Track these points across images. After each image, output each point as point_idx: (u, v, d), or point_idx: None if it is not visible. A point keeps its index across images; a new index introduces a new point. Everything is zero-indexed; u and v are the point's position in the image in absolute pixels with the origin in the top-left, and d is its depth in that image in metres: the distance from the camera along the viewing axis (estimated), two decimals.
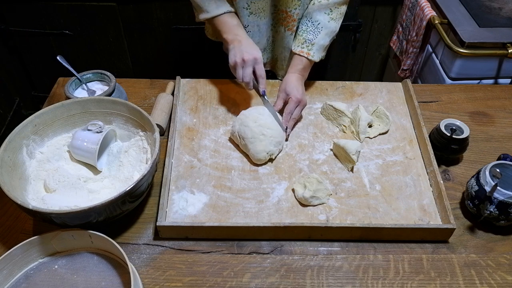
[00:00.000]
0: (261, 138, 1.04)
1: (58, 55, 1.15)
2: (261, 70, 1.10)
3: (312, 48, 1.15)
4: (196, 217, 0.96)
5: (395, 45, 1.96)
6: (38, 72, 2.13)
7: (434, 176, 1.02)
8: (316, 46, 1.15)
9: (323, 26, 1.14)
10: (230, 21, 1.12)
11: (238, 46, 1.09)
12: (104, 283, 0.85)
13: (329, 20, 1.14)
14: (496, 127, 1.21)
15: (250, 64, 1.08)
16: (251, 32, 1.20)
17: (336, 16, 1.15)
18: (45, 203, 0.90)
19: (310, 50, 1.15)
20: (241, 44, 1.09)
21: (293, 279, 0.88)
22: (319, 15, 1.14)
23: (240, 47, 1.08)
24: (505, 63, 1.54)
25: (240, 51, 1.08)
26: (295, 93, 1.12)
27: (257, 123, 1.06)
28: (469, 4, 1.64)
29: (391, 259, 0.91)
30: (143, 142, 1.02)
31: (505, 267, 0.91)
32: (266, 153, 1.05)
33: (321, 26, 1.14)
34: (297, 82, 1.15)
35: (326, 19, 1.14)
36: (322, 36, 1.15)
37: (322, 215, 0.96)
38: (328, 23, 1.14)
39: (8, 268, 0.83)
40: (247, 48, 1.08)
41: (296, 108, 1.12)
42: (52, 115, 1.01)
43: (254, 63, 1.08)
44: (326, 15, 1.14)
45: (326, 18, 1.14)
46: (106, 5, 1.87)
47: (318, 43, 1.15)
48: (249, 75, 1.09)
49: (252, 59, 1.07)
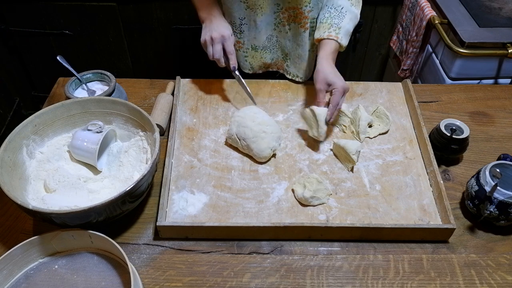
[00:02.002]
0: (263, 136, 1.04)
1: (58, 55, 1.15)
2: (229, 47, 1.14)
3: (340, 32, 1.12)
4: (196, 217, 0.96)
5: (395, 45, 1.96)
6: (38, 72, 2.13)
7: (434, 176, 1.02)
8: (343, 30, 1.13)
9: (347, 10, 1.13)
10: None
11: (209, 25, 1.14)
12: (104, 283, 0.85)
13: (351, 5, 1.14)
14: (496, 127, 1.21)
15: (218, 41, 1.12)
16: (248, 26, 1.21)
17: (355, 2, 1.15)
18: (45, 203, 0.90)
19: (338, 33, 1.12)
20: (211, 23, 1.14)
21: (293, 279, 0.88)
22: (341, 0, 1.14)
23: (210, 26, 1.14)
24: (505, 63, 1.54)
25: (210, 29, 1.13)
26: (340, 83, 1.07)
27: (255, 122, 1.06)
28: (469, 4, 1.64)
29: (391, 259, 0.91)
30: (143, 142, 1.02)
31: (505, 267, 0.91)
32: (270, 150, 1.05)
33: (345, 11, 1.13)
34: (334, 69, 1.11)
35: (348, 4, 1.14)
36: (347, 21, 1.13)
37: (322, 215, 0.96)
38: (351, 7, 1.14)
39: (8, 268, 0.83)
40: (216, 26, 1.13)
41: (342, 98, 1.08)
42: (52, 115, 1.01)
43: (222, 40, 1.13)
44: (348, 1, 1.14)
45: (347, 2, 1.14)
46: (106, 5, 1.87)
47: (344, 27, 1.13)
48: (218, 52, 1.13)
49: (219, 36, 1.12)
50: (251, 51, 1.27)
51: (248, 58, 1.29)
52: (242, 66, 1.31)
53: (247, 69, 1.32)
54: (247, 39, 1.24)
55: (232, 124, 1.09)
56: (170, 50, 2.05)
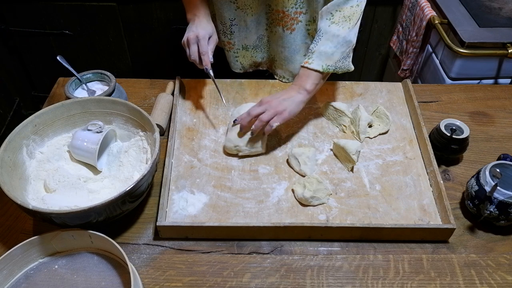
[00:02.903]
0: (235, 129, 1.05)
1: (58, 55, 1.15)
2: (202, 46, 1.10)
3: (312, 56, 1.06)
4: (196, 217, 0.96)
5: (395, 45, 1.96)
6: (38, 72, 2.13)
7: (434, 176, 1.02)
8: (316, 53, 1.05)
9: (323, 32, 1.06)
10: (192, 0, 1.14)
11: (190, 26, 1.13)
12: (104, 283, 0.85)
13: (330, 24, 1.06)
14: (496, 127, 1.21)
15: (193, 42, 1.10)
16: (238, 26, 1.20)
17: (339, 19, 1.06)
18: (45, 203, 0.90)
19: (309, 58, 1.07)
20: (193, 24, 1.12)
21: (293, 279, 0.88)
22: (321, 23, 1.08)
23: (190, 27, 1.12)
24: (505, 63, 1.54)
25: (188, 30, 1.12)
26: (267, 98, 1.05)
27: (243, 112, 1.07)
28: (469, 4, 1.64)
29: (391, 259, 0.91)
30: (143, 142, 1.02)
31: (505, 267, 0.91)
32: (233, 146, 1.06)
33: (321, 33, 1.07)
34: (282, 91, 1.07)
35: (326, 24, 1.07)
36: (322, 42, 1.06)
37: (322, 215, 0.96)
38: (329, 27, 1.06)
39: (8, 268, 0.83)
40: (195, 27, 1.11)
41: (260, 107, 1.03)
42: (52, 115, 1.01)
43: (196, 41, 1.10)
44: (327, 21, 1.07)
45: (327, 23, 1.07)
46: (106, 5, 1.87)
47: (318, 50, 1.06)
48: (194, 53, 1.10)
49: (194, 37, 1.10)
50: (242, 51, 1.27)
51: (239, 58, 1.29)
52: (233, 66, 1.31)
53: (238, 69, 1.32)
54: (237, 40, 1.24)
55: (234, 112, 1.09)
56: (170, 50, 2.05)
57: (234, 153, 1.07)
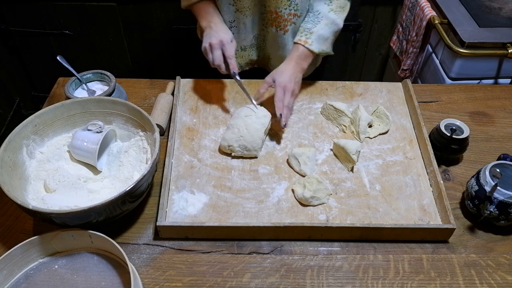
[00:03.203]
0: (235, 131, 1.06)
1: (58, 55, 1.15)
2: (228, 51, 1.11)
3: (311, 37, 1.13)
4: (196, 217, 0.96)
5: (395, 45, 1.96)
6: (38, 72, 2.13)
7: (434, 176, 1.02)
8: (315, 35, 1.13)
9: (323, 16, 1.13)
10: (205, 8, 1.16)
11: (208, 32, 1.13)
12: (104, 283, 0.85)
13: (329, 10, 1.13)
14: (496, 127, 1.21)
15: (217, 47, 1.11)
16: (237, 28, 1.21)
17: (336, 8, 1.14)
18: (45, 203, 0.90)
19: (308, 38, 1.13)
20: (211, 30, 1.13)
21: (293, 279, 0.88)
22: (319, 5, 1.14)
23: (210, 33, 1.13)
24: (505, 63, 1.54)
25: (209, 36, 1.12)
26: (279, 79, 1.10)
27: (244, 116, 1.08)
28: (469, 4, 1.64)
29: (391, 259, 0.91)
30: (143, 142, 1.02)
31: (505, 267, 0.91)
32: (227, 145, 1.06)
33: (321, 16, 1.13)
34: (287, 68, 1.13)
35: (326, 9, 1.13)
36: (321, 26, 1.13)
37: (322, 215, 0.96)
38: (328, 13, 1.13)
39: (8, 268, 0.83)
40: (215, 32, 1.12)
41: (285, 95, 1.10)
42: (52, 115, 1.01)
43: (221, 46, 1.11)
44: (326, 6, 1.14)
45: (326, 8, 1.13)
46: (106, 5, 1.87)
47: (317, 32, 1.13)
48: (218, 58, 1.11)
49: (218, 42, 1.10)
50: (240, 51, 1.29)
51: (238, 58, 1.30)
52: None
53: None
54: (236, 41, 1.24)
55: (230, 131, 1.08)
56: (170, 50, 2.05)
57: (228, 152, 1.07)
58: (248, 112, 1.09)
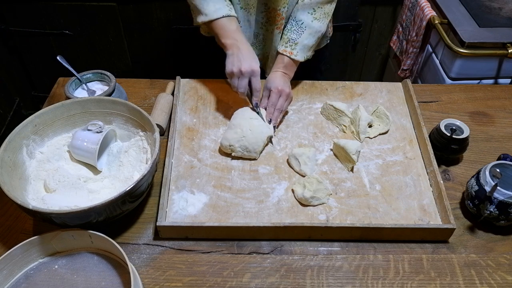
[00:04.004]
0: (238, 131, 1.05)
1: (58, 55, 1.15)
2: (256, 83, 1.09)
3: (296, 48, 1.14)
4: (196, 217, 0.96)
5: (395, 45, 1.96)
6: (38, 72, 2.13)
7: (434, 176, 1.02)
8: (300, 45, 1.14)
9: (307, 26, 1.14)
10: (228, 25, 1.10)
11: (236, 53, 1.08)
12: (104, 283, 0.85)
13: (313, 19, 1.13)
14: (496, 127, 1.21)
15: (247, 76, 1.07)
16: (243, 27, 1.21)
17: (320, 16, 1.14)
18: (45, 203, 0.90)
19: (293, 49, 1.15)
20: (239, 52, 1.07)
21: (293, 279, 0.88)
22: (302, 14, 1.14)
23: (238, 55, 1.07)
24: (505, 63, 1.54)
25: (238, 59, 1.07)
26: (275, 85, 1.12)
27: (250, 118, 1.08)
28: (469, 4, 1.64)
29: (391, 259, 0.91)
30: (143, 142, 1.02)
31: (505, 267, 0.91)
32: (228, 145, 1.06)
33: (304, 26, 1.14)
34: (277, 76, 1.14)
35: (309, 19, 1.13)
36: (305, 36, 1.14)
37: (322, 215, 0.96)
38: (312, 22, 1.13)
39: (8, 268, 0.83)
40: (246, 57, 1.07)
41: (279, 99, 1.12)
42: (52, 115, 1.01)
43: (251, 75, 1.08)
44: (310, 15, 1.13)
45: (309, 18, 1.13)
46: (106, 5, 1.87)
47: (301, 42, 1.14)
48: (244, 86, 1.09)
49: (250, 71, 1.07)
50: None
51: None
52: None
53: None
54: None
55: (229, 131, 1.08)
56: (170, 50, 2.05)
57: (228, 152, 1.07)
58: (253, 114, 1.09)
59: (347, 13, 1.94)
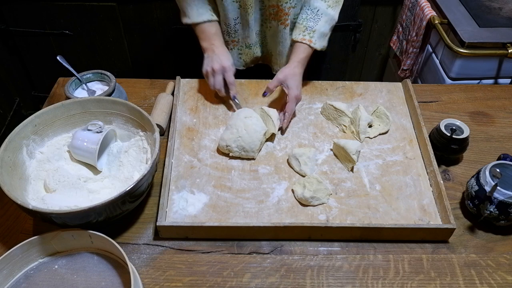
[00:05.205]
0: (234, 132, 1.06)
1: (58, 55, 1.15)
2: (229, 77, 1.17)
3: (314, 36, 1.15)
4: (196, 217, 0.96)
5: (395, 45, 1.96)
6: (38, 72, 2.13)
7: (434, 176, 1.02)
8: (317, 33, 1.15)
9: (323, 13, 1.14)
10: (208, 30, 1.18)
11: (211, 56, 1.17)
12: (104, 283, 0.85)
13: (327, 7, 1.14)
14: (496, 127, 1.21)
15: (219, 72, 1.16)
16: (241, 25, 1.22)
17: (332, 3, 1.15)
18: (45, 203, 0.90)
19: (312, 37, 1.15)
20: (213, 53, 1.17)
21: (293, 279, 0.88)
22: (316, 2, 1.15)
23: (212, 57, 1.17)
24: (505, 63, 1.54)
25: (211, 60, 1.16)
26: (295, 91, 1.13)
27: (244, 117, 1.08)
28: (469, 4, 1.64)
29: (391, 259, 0.91)
30: (143, 142, 1.02)
31: (505, 267, 0.91)
32: (225, 145, 1.06)
33: (320, 13, 1.14)
34: (298, 76, 1.15)
35: (324, 6, 1.14)
36: (322, 24, 1.15)
37: (322, 215, 0.96)
38: (327, 9, 1.14)
39: (8, 268, 0.83)
40: (218, 57, 1.16)
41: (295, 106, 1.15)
42: (52, 115, 1.01)
43: (223, 71, 1.16)
44: (324, 2, 1.14)
45: (324, 5, 1.14)
46: (106, 5, 1.87)
47: (319, 30, 1.15)
48: (219, 82, 1.16)
49: (220, 68, 1.15)
50: (245, 48, 1.29)
51: (242, 55, 1.31)
52: (236, 64, 1.32)
53: (241, 66, 1.34)
54: (241, 37, 1.26)
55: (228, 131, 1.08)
56: (170, 50, 2.05)
57: (226, 152, 1.07)
58: (248, 113, 1.09)
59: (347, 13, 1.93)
